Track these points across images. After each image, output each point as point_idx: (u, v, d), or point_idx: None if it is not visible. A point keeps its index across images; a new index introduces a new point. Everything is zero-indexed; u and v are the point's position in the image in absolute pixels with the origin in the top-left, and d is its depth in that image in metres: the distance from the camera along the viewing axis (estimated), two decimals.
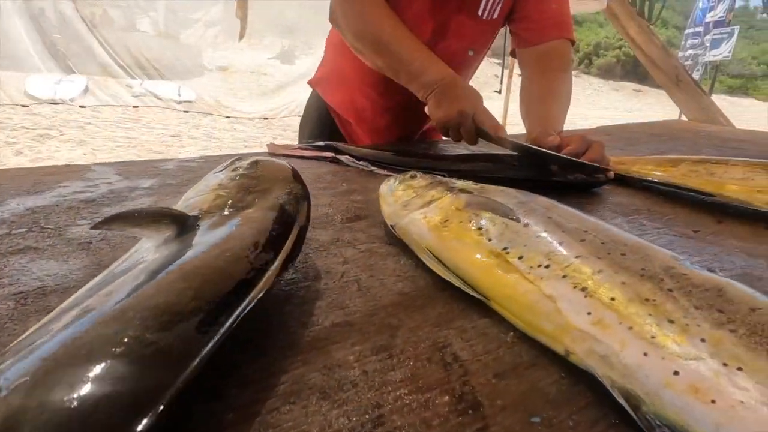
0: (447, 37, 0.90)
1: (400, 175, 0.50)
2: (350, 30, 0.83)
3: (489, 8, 0.89)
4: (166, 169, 0.71)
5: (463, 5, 0.88)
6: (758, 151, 1.10)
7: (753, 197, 0.56)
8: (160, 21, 7.35)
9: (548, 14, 0.89)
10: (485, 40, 0.98)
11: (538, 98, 0.87)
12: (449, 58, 0.95)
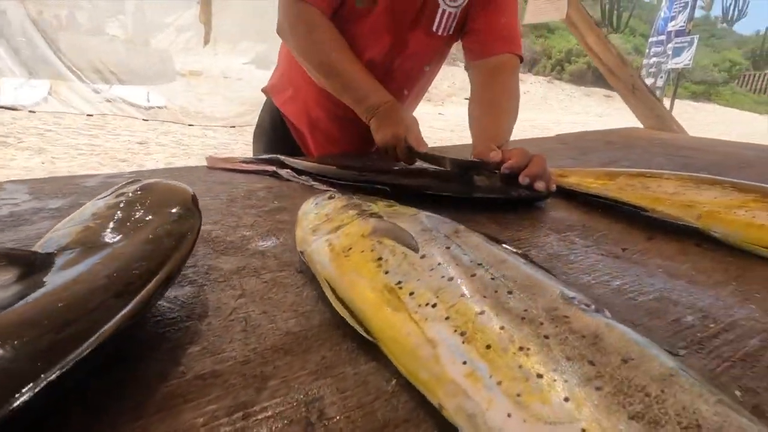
0: (404, 52, 0.90)
1: (319, 195, 0.47)
2: (298, 48, 0.84)
3: (444, 25, 0.89)
4: (87, 187, 0.67)
5: (418, 22, 0.88)
6: (706, 159, 1.12)
7: (684, 212, 0.55)
8: (129, 25, 7.15)
9: (497, 28, 0.89)
10: (441, 55, 0.98)
11: (484, 111, 0.86)
12: (406, 72, 0.94)
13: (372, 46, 0.87)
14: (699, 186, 0.58)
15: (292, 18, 0.83)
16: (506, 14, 0.90)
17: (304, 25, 0.82)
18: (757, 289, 0.41)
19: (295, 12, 0.82)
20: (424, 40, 0.90)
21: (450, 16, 0.89)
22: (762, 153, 1.24)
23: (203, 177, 0.76)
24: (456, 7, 0.88)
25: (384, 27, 0.86)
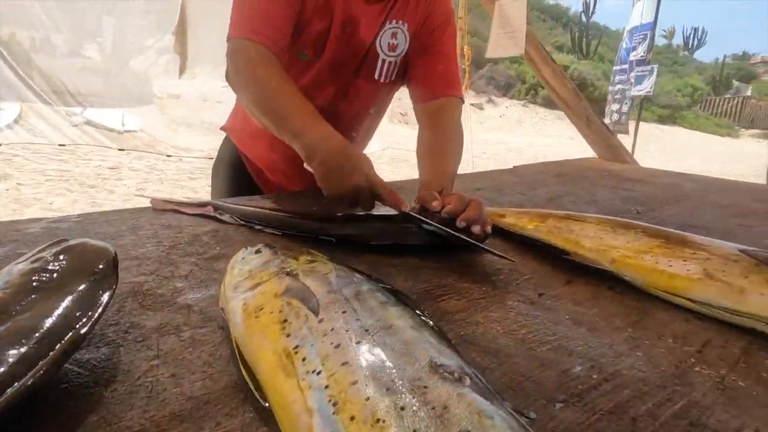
0: (348, 99, 0.95)
1: (248, 248, 0.49)
2: (238, 84, 0.82)
3: (385, 72, 0.94)
4: (29, 234, 0.67)
5: (361, 71, 0.93)
6: (645, 192, 1.19)
7: (600, 256, 0.59)
8: (108, 47, 7.10)
9: (436, 75, 0.95)
10: (385, 99, 1.03)
11: (428, 152, 0.90)
12: (352, 117, 0.99)
13: (317, 94, 0.91)
14: (615, 230, 0.62)
15: (235, 54, 0.81)
16: (444, 61, 0.95)
17: (247, 61, 0.80)
18: (648, 336, 0.45)
19: (239, 47, 0.81)
20: (368, 87, 0.95)
21: (390, 65, 0.94)
22: (699, 185, 1.32)
23: (152, 220, 0.76)
24: (395, 56, 0.94)
25: (327, 76, 0.91)
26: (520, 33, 2.01)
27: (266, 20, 0.81)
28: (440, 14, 0.95)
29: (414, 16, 0.93)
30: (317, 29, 0.87)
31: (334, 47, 0.89)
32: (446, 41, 0.96)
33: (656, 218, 0.92)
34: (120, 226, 0.72)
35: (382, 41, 0.91)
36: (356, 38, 0.90)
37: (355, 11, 0.88)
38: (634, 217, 0.92)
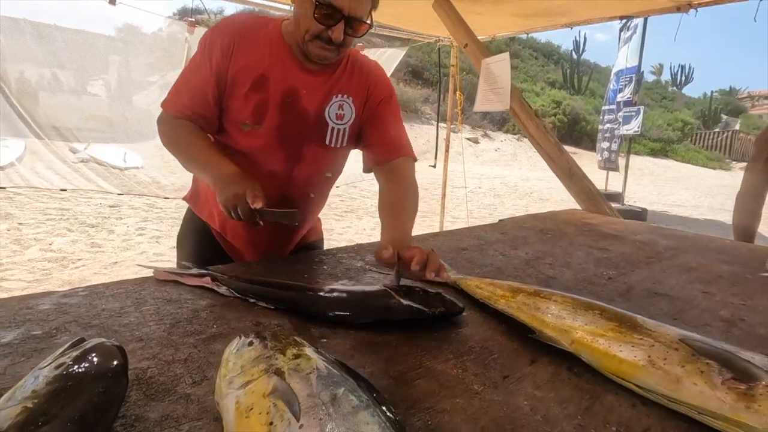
0: (301, 163, 1.05)
1: (240, 339, 0.55)
2: (164, 140, 1.02)
3: (336, 139, 1.06)
4: (40, 312, 0.73)
5: (311, 137, 1.04)
6: (620, 252, 1.26)
7: (561, 336, 0.65)
8: (113, 84, 7.33)
9: (388, 141, 1.08)
10: (339, 163, 1.13)
11: (390, 208, 1.00)
12: (306, 179, 1.08)
13: (268, 158, 1.03)
14: (576, 311, 0.69)
15: (163, 126, 1.02)
16: (394, 128, 1.09)
17: (167, 126, 1.01)
18: (595, 424, 0.50)
19: (164, 118, 1.02)
20: (320, 152, 1.06)
21: (340, 132, 1.06)
22: (672, 242, 1.39)
23: (155, 293, 0.82)
24: (344, 124, 1.05)
25: (276, 142, 1.02)
26: (505, 90, 2.14)
27: (190, 100, 0.99)
28: (382, 91, 1.10)
29: (357, 91, 1.06)
30: (254, 101, 0.99)
31: (276, 116, 1.00)
32: (392, 111, 1.11)
33: (625, 284, 0.99)
34: (125, 300, 0.79)
35: (330, 111, 1.04)
36: (299, 107, 1.01)
37: (294, 82, 1.00)
38: (605, 284, 0.99)
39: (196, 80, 0.99)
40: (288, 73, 1.00)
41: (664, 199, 9.71)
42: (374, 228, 5.09)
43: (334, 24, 0.91)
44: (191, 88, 1.00)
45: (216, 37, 0.99)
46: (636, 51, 6.13)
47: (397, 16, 3.29)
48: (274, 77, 0.99)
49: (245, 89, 0.98)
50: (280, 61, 1.00)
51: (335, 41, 0.93)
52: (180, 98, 1.00)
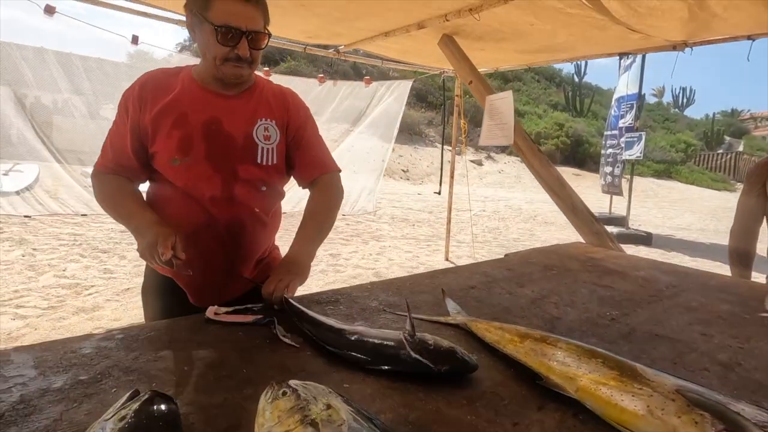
0: (238, 183, 1.14)
1: (273, 388, 0.61)
2: (97, 200, 1.14)
3: (266, 157, 1.16)
4: (83, 356, 0.79)
5: (243, 158, 1.13)
6: (624, 290, 1.30)
7: (567, 383, 0.70)
8: None
9: (312, 161, 1.23)
10: (274, 180, 1.21)
11: (303, 221, 1.19)
12: (246, 197, 1.16)
13: (206, 185, 1.11)
14: (580, 358, 0.74)
15: (94, 183, 1.15)
16: (316, 149, 1.24)
17: (97, 183, 1.14)
18: None
19: (94, 175, 1.15)
20: (253, 170, 1.15)
21: (270, 151, 1.16)
22: (674, 279, 1.44)
23: (183, 336, 0.88)
24: (271, 144, 1.16)
25: (210, 169, 1.10)
26: (509, 126, 2.23)
27: (113, 155, 1.11)
28: (299, 115, 1.22)
29: (277, 115, 1.18)
30: (177, 137, 1.08)
31: (203, 145, 1.09)
32: (311, 132, 1.24)
33: (627, 325, 1.03)
34: (158, 344, 0.84)
35: (258, 133, 1.14)
36: (225, 132, 1.11)
37: (214, 111, 1.10)
38: (608, 325, 1.04)
39: (117, 137, 1.11)
40: (207, 104, 1.10)
41: (669, 222, 9.71)
42: (379, 252, 5.15)
43: (237, 42, 1.02)
44: (113, 144, 1.12)
45: (128, 95, 1.10)
46: (636, 79, 6.27)
47: (404, 51, 3.43)
48: (193, 111, 1.09)
49: (166, 129, 1.08)
50: (196, 97, 1.10)
51: (243, 58, 1.04)
52: (105, 156, 1.13)
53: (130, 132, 1.09)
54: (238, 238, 1.17)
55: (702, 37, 2.23)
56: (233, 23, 1.00)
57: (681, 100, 33.82)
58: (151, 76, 1.12)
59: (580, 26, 2.28)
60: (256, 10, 1.03)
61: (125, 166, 1.11)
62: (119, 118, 1.12)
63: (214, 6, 1.00)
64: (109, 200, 1.12)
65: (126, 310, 3.03)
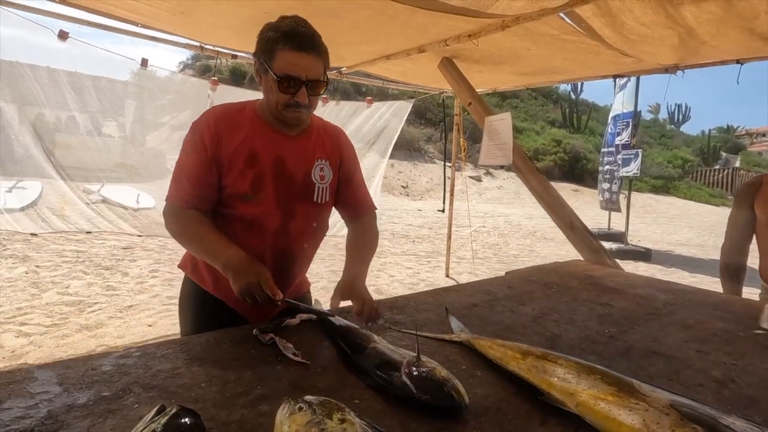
0: (295, 219, 1.21)
1: (290, 403, 0.64)
2: (171, 233, 1.14)
3: (321, 196, 1.24)
4: (104, 373, 0.82)
5: (301, 197, 1.21)
6: (621, 308, 1.34)
7: (567, 398, 0.74)
8: (128, 126, 7.63)
9: (357, 200, 1.34)
10: (325, 216, 1.31)
11: (351, 250, 1.28)
12: (299, 233, 1.22)
13: (268, 219, 1.17)
14: (579, 375, 0.77)
15: (169, 217, 1.14)
16: (361, 187, 1.35)
17: (174, 218, 1.14)
18: None
19: (170, 210, 1.15)
20: (309, 208, 1.23)
21: (324, 190, 1.24)
22: (671, 296, 1.47)
23: (199, 353, 0.92)
24: (326, 183, 1.24)
25: (274, 206, 1.17)
26: (508, 146, 2.29)
27: (192, 187, 1.12)
28: (351, 155, 1.32)
29: (331, 154, 1.26)
30: (251, 176, 1.14)
31: (272, 185, 1.15)
32: (358, 173, 1.34)
33: (626, 343, 1.07)
34: (175, 361, 0.88)
35: (315, 173, 1.22)
36: (288, 172, 1.18)
37: (281, 152, 1.17)
38: (607, 342, 1.07)
39: (194, 169, 1.13)
40: (274, 144, 1.16)
41: (668, 238, 9.75)
42: (380, 269, 5.17)
43: (296, 91, 1.08)
44: (191, 177, 1.13)
45: (202, 129, 1.13)
46: (631, 97, 6.40)
47: (404, 73, 3.53)
48: (263, 151, 1.15)
49: (240, 166, 1.13)
50: (264, 136, 1.16)
51: (302, 105, 1.10)
52: (181, 189, 1.13)
53: (212, 163, 1.12)
54: (285, 268, 1.23)
55: (692, 61, 2.32)
56: (293, 73, 1.06)
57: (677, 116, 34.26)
58: (223, 113, 1.17)
59: (575, 51, 2.36)
60: (316, 60, 1.08)
61: (206, 197, 1.13)
62: (194, 152, 1.12)
63: (278, 57, 1.06)
64: (193, 236, 1.11)
65: (129, 327, 3.04)
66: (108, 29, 2.90)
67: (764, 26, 1.65)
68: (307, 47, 1.06)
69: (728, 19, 1.65)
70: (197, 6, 2.25)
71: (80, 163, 6.22)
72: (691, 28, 1.79)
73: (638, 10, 1.73)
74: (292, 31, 1.05)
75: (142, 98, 6.80)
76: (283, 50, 1.05)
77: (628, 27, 1.90)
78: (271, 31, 1.07)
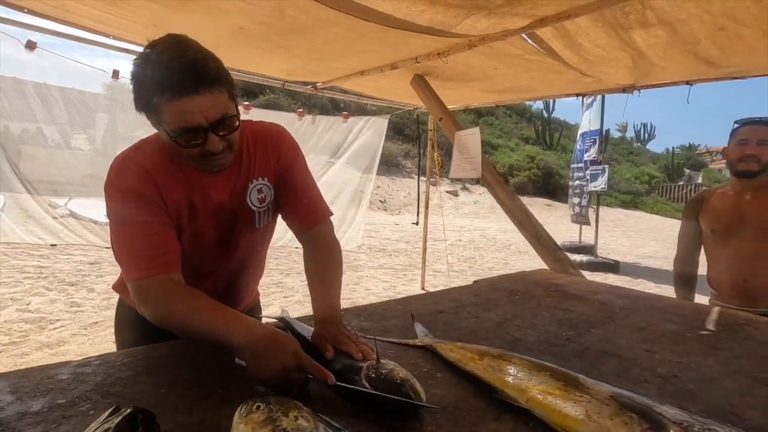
0: (238, 250, 1.11)
1: (247, 404, 0.65)
2: (153, 319, 0.89)
3: (262, 220, 1.11)
4: (60, 381, 0.81)
5: (243, 230, 1.08)
6: (581, 313, 1.40)
7: (519, 394, 0.77)
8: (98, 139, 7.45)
9: (303, 209, 1.12)
10: (268, 234, 1.20)
11: (315, 278, 1.06)
12: (241, 255, 1.13)
13: (209, 262, 1.08)
14: (531, 372, 0.81)
15: (139, 296, 0.89)
16: (306, 194, 1.12)
17: (150, 301, 0.88)
18: None
19: (139, 289, 0.88)
20: (251, 236, 1.12)
21: (266, 213, 1.11)
22: (627, 302, 1.55)
23: (162, 360, 0.91)
24: (266, 206, 1.09)
25: (218, 247, 1.06)
26: (476, 160, 2.37)
27: (151, 250, 0.89)
28: (287, 154, 1.10)
29: (268, 165, 1.08)
30: (189, 233, 1.01)
31: (213, 230, 1.04)
32: (300, 175, 1.12)
33: (581, 345, 1.12)
34: (136, 368, 0.87)
35: (252, 199, 1.06)
36: (226, 212, 1.03)
37: (215, 193, 1.01)
38: (564, 344, 1.12)
39: (144, 228, 0.91)
40: (206, 189, 1.00)
41: (636, 251, 10.09)
42: (356, 282, 5.17)
43: (202, 141, 0.87)
44: (148, 239, 0.91)
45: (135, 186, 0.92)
46: (598, 116, 6.70)
47: (379, 89, 3.61)
48: (199, 200, 0.99)
49: (182, 223, 1.00)
50: (192, 178, 0.98)
51: (215, 151, 0.90)
52: (140, 257, 0.89)
53: (164, 215, 0.94)
54: (233, 296, 1.18)
55: (646, 81, 2.47)
56: (188, 124, 0.84)
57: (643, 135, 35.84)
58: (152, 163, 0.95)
59: (539, 70, 2.48)
60: (212, 95, 0.84)
61: (172, 252, 0.93)
62: (137, 212, 0.91)
63: (162, 111, 0.84)
64: (179, 314, 0.87)
65: (93, 344, 2.94)
66: (78, 40, 2.87)
67: (705, 51, 1.78)
68: (191, 87, 0.81)
69: (674, 43, 1.78)
70: (171, 20, 2.26)
71: (47, 176, 6.02)
72: (642, 51, 1.91)
73: (593, 34, 1.85)
74: (166, 73, 0.81)
75: (114, 111, 6.67)
76: (163, 102, 0.82)
77: (586, 49, 2.01)
78: (142, 79, 0.84)
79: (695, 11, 1.53)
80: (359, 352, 0.85)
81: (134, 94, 0.86)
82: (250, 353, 0.78)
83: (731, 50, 1.75)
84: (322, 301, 1.01)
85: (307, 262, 1.11)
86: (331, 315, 0.97)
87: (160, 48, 0.84)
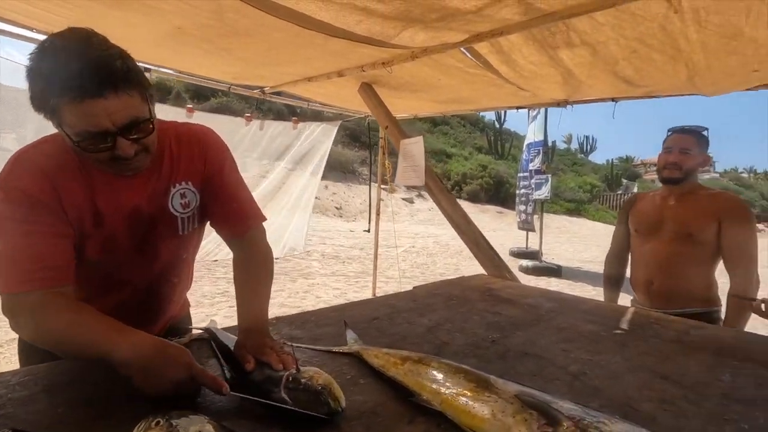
0: (160, 259, 1.05)
1: (147, 421, 0.63)
2: (27, 336, 0.86)
3: (187, 226, 1.05)
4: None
5: (164, 235, 1.02)
6: (510, 315, 1.46)
7: (434, 397, 0.79)
8: (28, 138, 6.89)
9: (233, 214, 1.07)
10: (194, 241, 1.13)
11: (243, 285, 1.03)
12: (163, 263, 1.06)
13: (128, 271, 1.02)
14: (447, 375, 0.84)
15: (11, 313, 0.81)
16: (235, 198, 1.07)
17: (24, 319, 0.81)
18: None
19: (12, 305, 0.81)
20: (175, 243, 1.05)
21: (191, 219, 1.05)
22: (555, 304, 1.63)
23: (66, 377, 0.86)
24: (191, 211, 1.03)
25: (133, 255, 0.99)
26: (420, 167, 2.42)
27: (31, 262, 0.80)
28: (214, 157, 1.05)
29: (193, 168, 1.02)
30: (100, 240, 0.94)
31: (129, 238, 0.97)
32: (228, 179, 1.07)
33: (505, 347, 1.17)
34: (33, 387, 0.81)
35: (174, 203, 1.00)
36: (144, 218, 0.97)
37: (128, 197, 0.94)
38: (488, 347, 1.16)
39: (30, 236, 0.82)
40: (116, 193, 0.93)
41: (578, 256, 10.67)
42: (307, 290, 5.10)
43: (111, 146, 0.80)
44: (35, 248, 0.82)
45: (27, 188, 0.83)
46: (541, 128, 7.07)
47: (328, 95, 3.61)
48: (107, 206, 0.92)
49: (87, 230, 0.91)
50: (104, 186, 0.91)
51: (128, 156, 0.83)
52: (19, 268, 0.80)
53: (57, 222, 0.86)
54: (155, 306, 1.13)
55: (577, 97, 2.64)
56: (93, 128, 0.76)
57: (585, 146, 38.14)
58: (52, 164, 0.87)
59: (480, 83, 2.59)
60: (119, 100, 0.76)
61: (60, 266, 0.84)
62: (24, 217, 0.82)
63: (63, 113, 0.75)
64: (59, 330, 0.79)
65: (10, 364, 2.69)
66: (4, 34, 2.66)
67: (623, 71, 1.94)
68: (94, 90, 0.73)
69: (596, 63, 1.92)
70: (104, 18, 2.15)
71: None
72: (569, 69, 2.05)
73: (526, 51, 1.95)
74: (65, 73, 0.72)
75: None
76: (64, 105, 0.74)
77: (520, 65, 2.12)
78: (38, 77, 0.75)
79: (612, 34, 1.65)
80: (279, 363, 0.84)
81: (30, 92, 0.77)
82: (138, 368, 0.73)
83: (645, 71, 1.92)
84: (248, 310, 0.99)
85: (236, 269, 1.07)
86: (255, 325, 0.96)
87: (60, 43, 0.75)
